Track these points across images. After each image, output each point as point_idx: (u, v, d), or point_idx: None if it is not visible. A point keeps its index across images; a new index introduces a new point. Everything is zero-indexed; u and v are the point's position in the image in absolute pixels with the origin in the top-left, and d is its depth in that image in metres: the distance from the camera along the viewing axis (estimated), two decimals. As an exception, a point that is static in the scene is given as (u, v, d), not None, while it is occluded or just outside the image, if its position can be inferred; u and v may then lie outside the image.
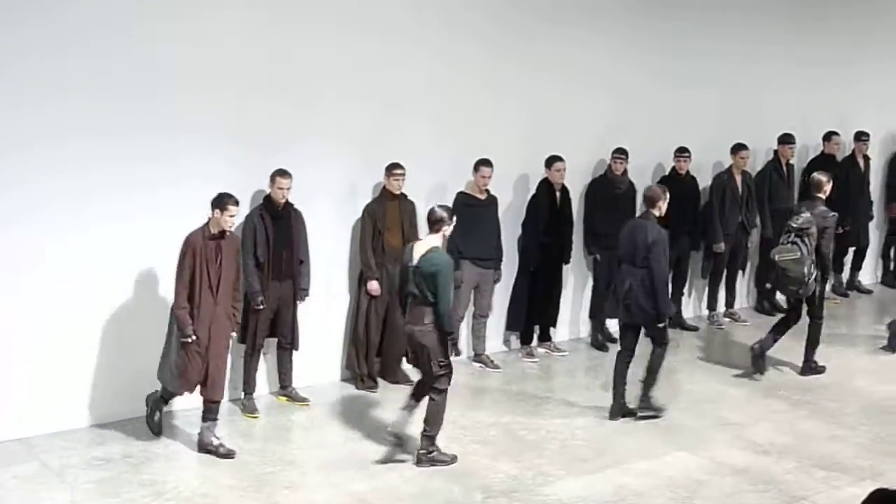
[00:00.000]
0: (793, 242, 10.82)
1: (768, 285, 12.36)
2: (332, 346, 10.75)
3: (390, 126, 10.86)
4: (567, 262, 12.04)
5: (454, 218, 8.93)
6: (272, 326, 10.07)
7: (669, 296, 10.21)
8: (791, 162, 13.82)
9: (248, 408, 9.99)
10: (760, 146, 13.66)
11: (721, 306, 13.67)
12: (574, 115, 12.16)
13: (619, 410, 10.01)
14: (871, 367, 11.90)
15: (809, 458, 9.15)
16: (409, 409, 8.87)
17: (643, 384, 10.06)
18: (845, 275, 15.00)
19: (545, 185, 11.78)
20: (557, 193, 11.78)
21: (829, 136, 14.14)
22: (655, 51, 12.79)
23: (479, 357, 11.67)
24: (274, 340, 10.20)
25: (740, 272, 13.72)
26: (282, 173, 9.77)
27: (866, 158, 14.56)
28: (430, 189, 11.17)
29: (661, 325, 9.87)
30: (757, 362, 11.20)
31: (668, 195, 10.05)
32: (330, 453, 9.04)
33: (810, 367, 11.45)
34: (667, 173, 12.88)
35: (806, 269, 10.76)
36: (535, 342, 12.13)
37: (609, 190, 12.18)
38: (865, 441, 9.61)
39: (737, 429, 9.89)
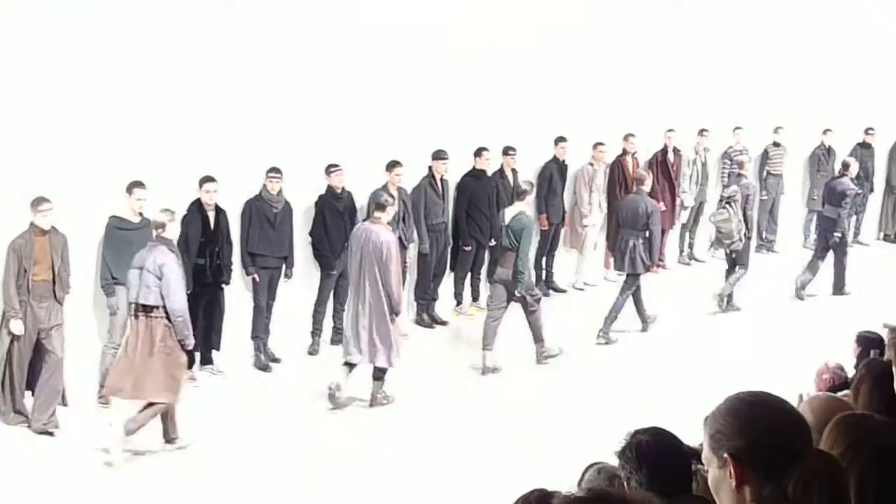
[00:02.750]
0: (723, 207, 14.38)
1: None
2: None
3: (31, 156, 10.34)
4: (227, 282, 11.83)
5: (534, 188, 13.00)
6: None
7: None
8: (445, 177, 14.11)
9: None
10: (415, 162, 13.84)
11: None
12: (225, 136, 11.94)
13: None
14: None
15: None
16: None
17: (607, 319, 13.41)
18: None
19: (197, 206, 11.55)
20: (210, 213, 11.57)
21: (479, 152, 14.45)
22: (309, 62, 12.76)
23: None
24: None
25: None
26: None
27: (514, 172, 15.04)
28: (82, 215, 10.70)
29: (649, 272, 13.67)
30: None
31: (651, 175, 14.28)
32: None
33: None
34: (323, 191, 12.87)
35: (734, 226, 14.20)
36: (196, 366, 11.86)
37: (265, 209, 12.09)
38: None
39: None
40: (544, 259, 15.83)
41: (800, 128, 18.78)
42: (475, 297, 15.05)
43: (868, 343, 7.64)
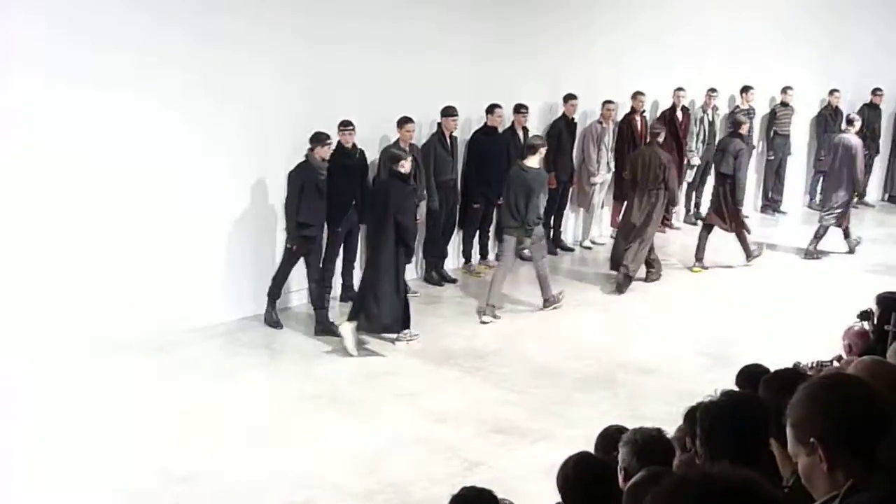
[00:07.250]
0: None
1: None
2: None
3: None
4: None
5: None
6: None
7: None
8: (454, 134, 14.02)
9: None
10: (425, 119, 13.77)
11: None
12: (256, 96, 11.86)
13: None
14: (536, 329, 12.37)
15: (485, 423, 9.38)
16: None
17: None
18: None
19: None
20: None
21: (492, 109, 14.30)
22: (315, 19, 12.60)
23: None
24: None
25: (408, 244, 13.89)
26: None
27: (525, 130, 14.94)
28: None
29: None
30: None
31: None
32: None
33: None
34: (333, 147, 12.71)
35: None
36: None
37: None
38: (536, 404, 9.92)
39: (412, 399, 10.01)
40: (552, 218, 15.83)
41: (807, 88, 18.75)
42: (483, 255, 15.00)
43: (889, 304, 7.61)
